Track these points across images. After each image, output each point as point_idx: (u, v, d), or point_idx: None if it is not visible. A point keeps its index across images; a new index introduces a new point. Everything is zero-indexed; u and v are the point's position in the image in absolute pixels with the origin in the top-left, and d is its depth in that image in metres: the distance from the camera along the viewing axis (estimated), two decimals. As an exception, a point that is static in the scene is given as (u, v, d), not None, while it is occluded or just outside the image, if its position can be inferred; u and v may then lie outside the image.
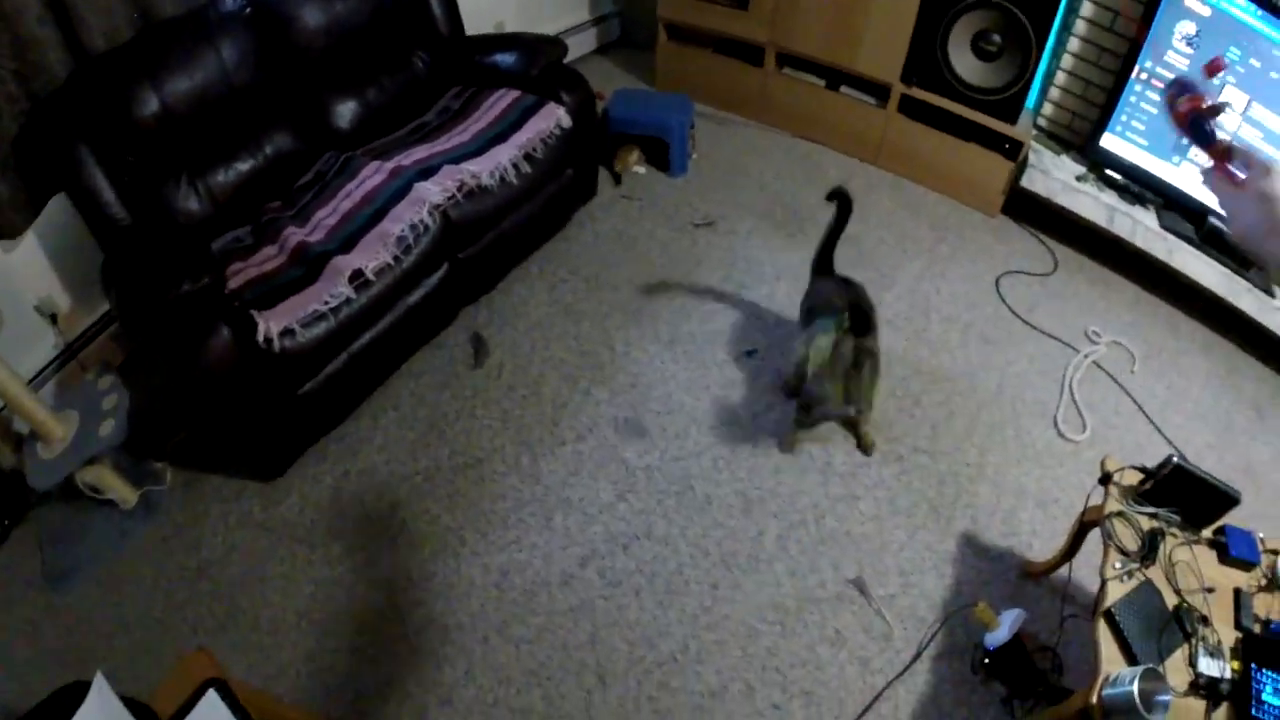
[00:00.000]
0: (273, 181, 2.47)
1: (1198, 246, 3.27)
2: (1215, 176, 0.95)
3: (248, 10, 2.39)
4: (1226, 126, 0.95)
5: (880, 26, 3.38)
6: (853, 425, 2.47)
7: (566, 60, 2.99)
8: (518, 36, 3.07)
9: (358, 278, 2.16)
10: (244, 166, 2.40)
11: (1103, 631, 1.67)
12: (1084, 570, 2.08)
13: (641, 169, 3.34)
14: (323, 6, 2.54)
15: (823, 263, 2.59)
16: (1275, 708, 1.62)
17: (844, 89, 3.62)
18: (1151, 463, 2.33)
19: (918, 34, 3.33)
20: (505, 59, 2.90)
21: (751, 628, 2.03)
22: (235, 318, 1.96)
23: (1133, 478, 1.96)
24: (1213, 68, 1.12)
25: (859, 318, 2.18)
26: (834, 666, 1.98)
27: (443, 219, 2.37)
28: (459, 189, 2.41)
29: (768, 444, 2.41)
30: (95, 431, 2.10)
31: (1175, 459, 1.82)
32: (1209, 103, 1.02)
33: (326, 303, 2.10)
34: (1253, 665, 1.67)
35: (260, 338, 1.97)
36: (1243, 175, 0.92)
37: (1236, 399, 3.27)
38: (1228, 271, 3.24)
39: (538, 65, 2.87)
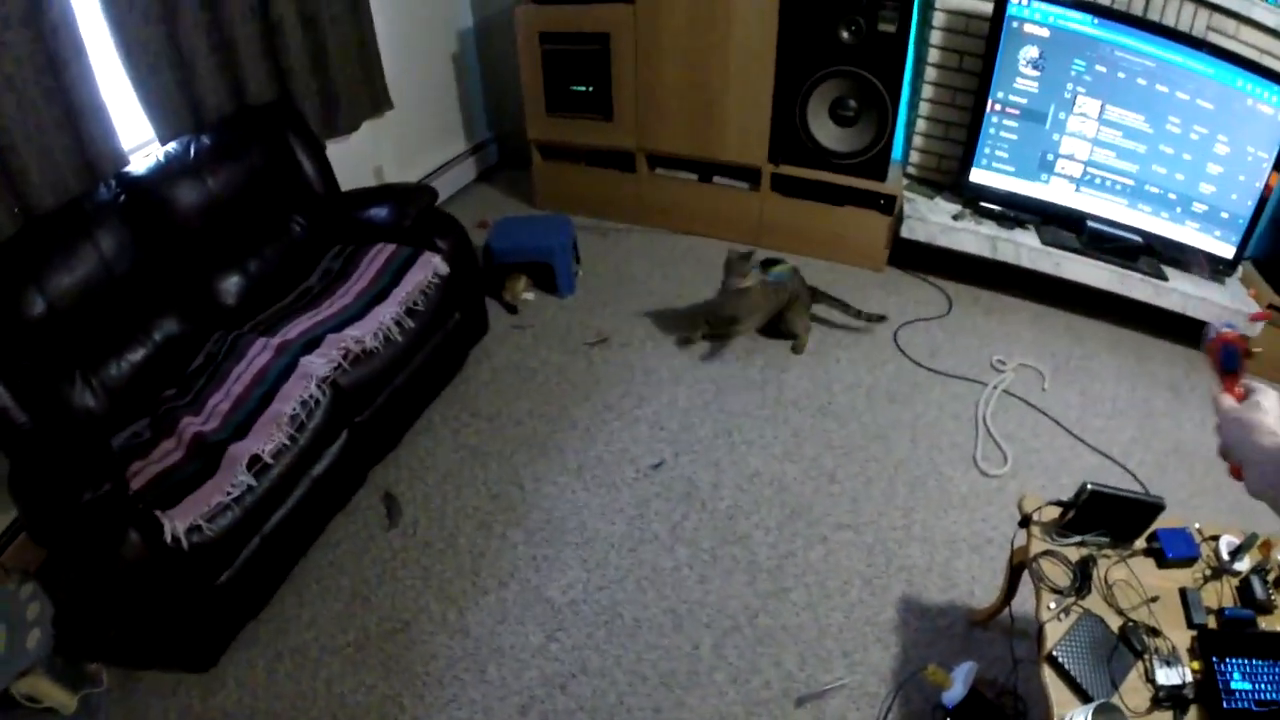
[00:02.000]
0: (165, 368, 2.50)
1: (1082, 252, 3.44)
2: (1222, 395, 1.08)
3: (122, 198, 2.46)
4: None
5: (740, 114, 3.59)
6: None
7: (452, 192, 3.10)
8: (390, 188, 3.20)
9: (255, 464, 2.19)
10: (135, 357, 2.43)
11: (1049, 676, 1.68)
12: (1027, 606, 2.09)
13: (530, 295, 3.45)
14: (196, 185, 2.63)
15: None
16: (1247, 693, 1.62)
17: (716, 179, 3.83)
18: (1078, 478, 2.39)
19: (777, 114, 3.54)
20: (379, 213, 3.01)
21: (703, 746, 2.01)
22: (141, 520, 1.98)
23: (1052, 513, 1.99)
24: (1257, 317, 1.33)
25: None
26: (793, 768, 1.97)
27: (333, 389, 2.43)
28: (344, 357, 2.48)
29: (689, 554, 2.44)
30: (23, 644, 2.08)
31: (1090, 486, 1.85)
32: (1239, 336, 1.12)
33: (228, 493, 2.12)
34: (1213, 659, 1.68)
35: (168, 538, 1.99)
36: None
37: (1151, 384, 3.39)
38: (1116, 268, 3.41)
39: (410, 216, 2.98)
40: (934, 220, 3.53)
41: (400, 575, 2.38)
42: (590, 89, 3.70)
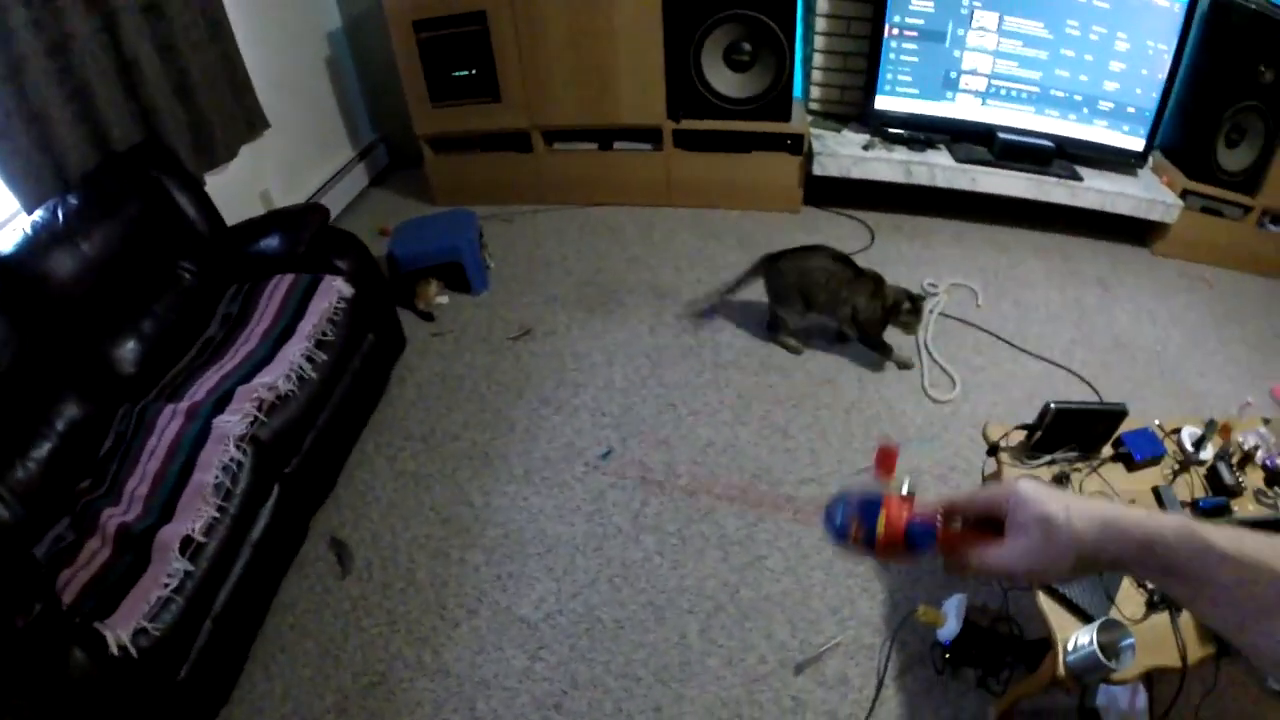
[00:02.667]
0: (75, 458, 2.27)
1: (996, 164, 3.47)
2: (972, 554, 0.72)
3: None
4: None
5: (633, 74, 3.47)
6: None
7: (344, 204, 2.88)
8: (276, 215, 2.99)
9: (188, 545, 2.01)
10: (41, 453, 2.20)
11: (1045, 603, 1.68)
12: None
13: (444, 298, 3.28)
14: (70, 251, 2.38)
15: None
16: None
17: (617, 145, 3.71)
18: (1026, 389, 2.37)
19: (670, 69, 3.43)
20: (270, 244, 2.80)
21: (709, 737, 1.95)
22: (83, 636, 1.80)
23: (1018, 437, 1.99)
24: (883, 460, 0.85)
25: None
26: (805, 735, 1.93)
27: (253, 446, 2.23)
28: (259, 408, 2.29)
29: (656, 540, 2.35)
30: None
31: (1054, 405, 1.85)
32: (902, 503, 0.75)
33: (166, 584, 1.93)
34: None
35: (113, 648, 1.81)
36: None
37: (1080, 283, 3.45)
38: (1031, 175, 3.45)
39: (303, 240, 2.78)
40: (844, 153, 3.49)
41: (365, 625, 2.23)
42: (473, 72, 3.52)
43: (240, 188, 3.21)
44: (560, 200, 3.87)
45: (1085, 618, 1.64)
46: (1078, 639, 1.57)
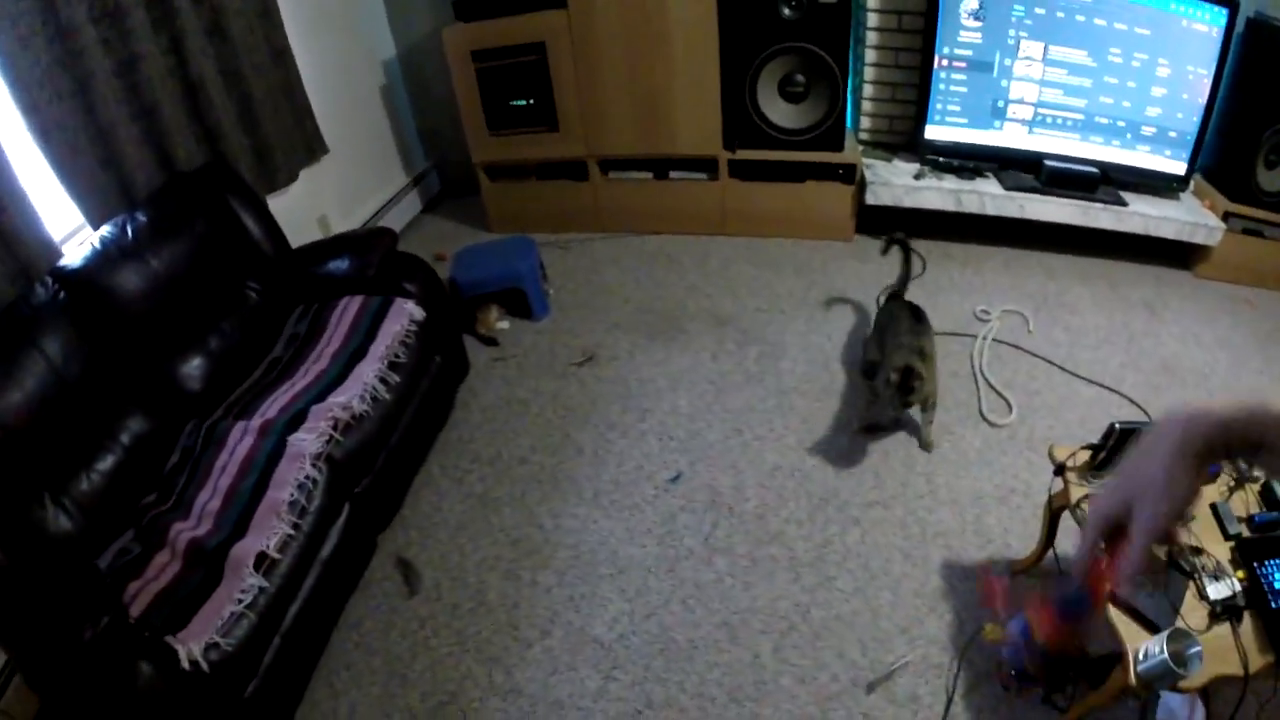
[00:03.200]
0: (140, 472, 2.34)
1: (1043, 191, 3.52)
2: (1126, 562, 0.71)
3: (61, 296, 2.28)
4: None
5: (689, 105, 3.56)
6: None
7: (398, 230, 2.96)
8: (345, 238, 3.08)
9: (263, 562, 2.06)
10: (105, 466, 2.26)
11: (1115, 615, 1.72)
12: (1067, 546, 2.20)
13: (505, 324, 3.37)
14: (139, 267, 2.46)
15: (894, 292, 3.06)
16: None
17: (673, 174, 3.80)
18: (1080, 412, 2.37)
19: (726, 100, 3.53)
20: (339, 265, 2.89)
21: (785, 756, 1.99)
22: (151, 649, 1.84)
23: (1083, 456, 2.04)
24: (990, 596, 0.97)
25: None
26: (877, 754, 1.97)
27: (328, 465, 2.30)
28: (335, 428, 2.36)
29: (728, 562, 2.41)
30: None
31: (1118, 425, 1.90)
32: (1036, 602, 0.82)
33: (240, 600, 1.98)
34: (1254, 565, 1.77)
35: (185, 663, 1.85)
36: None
37: (1127, 308, 3.49)
38: (1078, 201, 3.51)
39: (373, 263, 2.87)
40: (896, 183, 3.56)
41: (433, 644, 2.28)
42: (531, 101, 3.63)
43: (300, 211, 3.32)
44: (616, 229, 3.96)
45: (1153, 628, 1.68)
46: (1148, 648, 1.61)
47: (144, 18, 2.54)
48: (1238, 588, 1.74)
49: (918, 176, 3.56)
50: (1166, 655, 1.54)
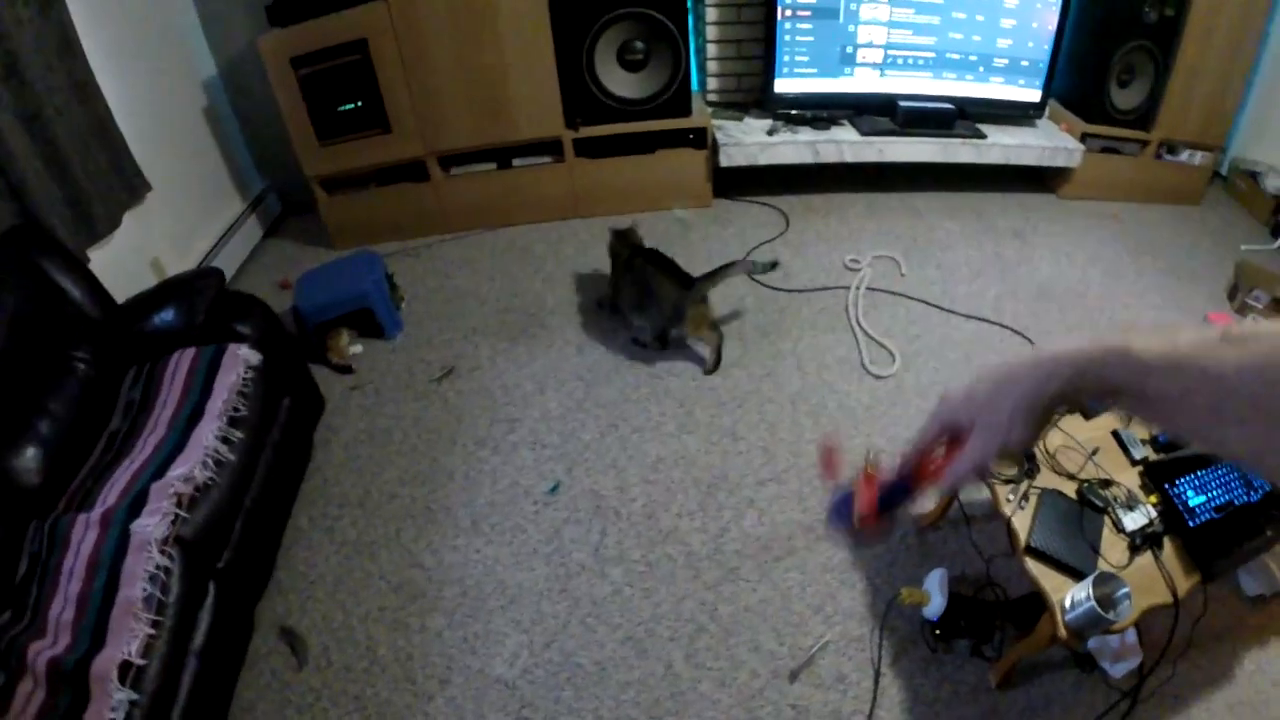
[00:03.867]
0: None
1: (900, 133, 3.50)
2: (952, 470, 0.73)
3: None
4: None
5: (526, 87, 3.38)
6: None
7: (243, 258, 2.67)
8: (169, 285, 2.75)
9: (128, 671, 1.81)
10: None
11: (1034, 567, 1.69)
12: (969, 493, 2.17)
13: (358, 347, 3.10)
14: None
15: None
16: (1202, 505, 1.73)
17: (516, 162, 3.61)
18: (963, 351, 2.32)
19: (564, 76, 3.36)
20: (165, 317, 2.58)
21: (713, 764, 1.88)
22: None
23: None
24: (828, 460, 0.93)
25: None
26: (812, 740, 1.88)
27: (179, 547, 2.03)
28: (178, 505, 2.08)
29: (622, 571, 2.26)
30: None
31: None
32: (866, 479, 0.80)
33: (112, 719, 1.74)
34: (1165, 487, 1.76)
35: None
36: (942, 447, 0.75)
37: (997, 237, 3.52)
38: (937, 139, 3.50)
39: (200, 310, 2.57)
40: (750, 141, 3.47)
41: (333, 716, 2.06)
42: (360, 104, 3.36)
43: (128, 259, 2.99)
44: (465, 227, 3.74)
45: (1074, 574, 1.66)
46: (1074, 596, 1.58)
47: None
48: (1153, 514, 1.74)
49: (771, 132, 3.47)
50: (1094, 602, 1.51)
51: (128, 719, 1.75)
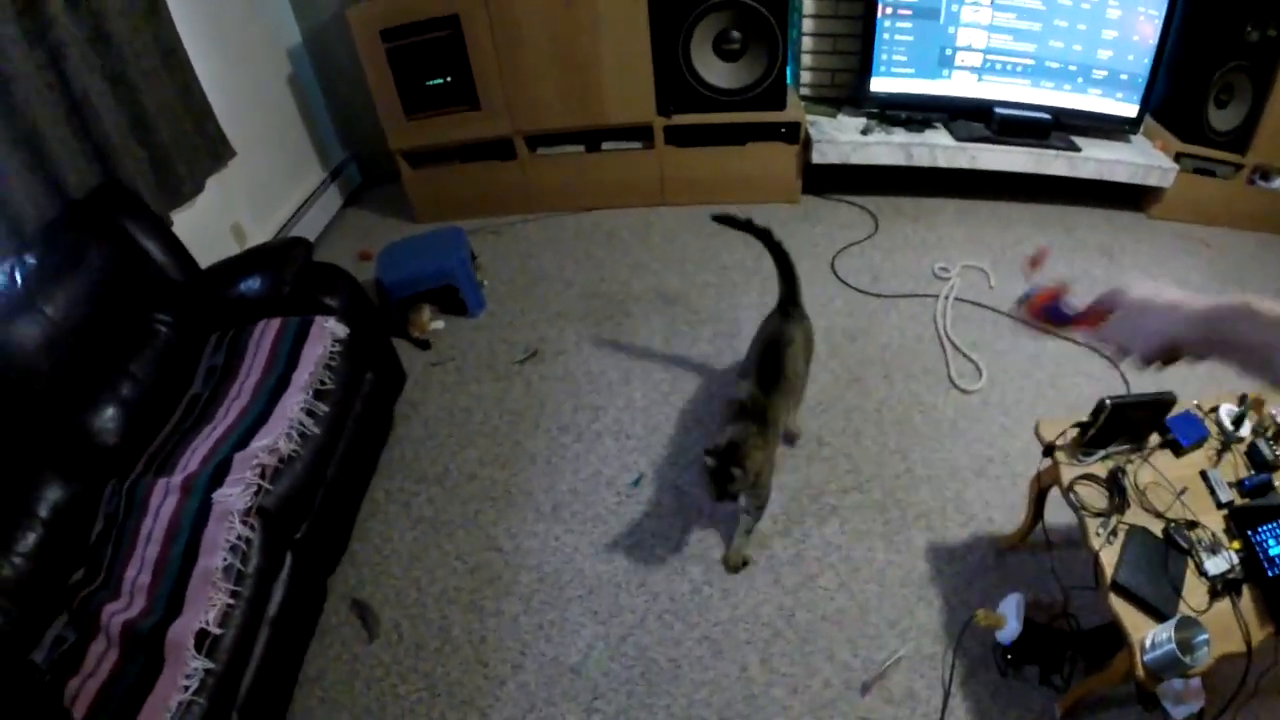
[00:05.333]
0: (65, 547, 2.09)
1: (995, 140, 3.42)
2: (1097, 330, 0.98)
3: None
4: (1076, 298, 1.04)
5: (618, 71, 3.35)
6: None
7: (320, 229, 2.66)
8: (257, 253, 2.79)
9: (204, 640, 1.84)
10: (26, 546, 2.00)
11: (1117, 604, 1.67)
12: (1054, 516, 2.09)
13: (440, 324, 3.14)
14: (33, 317, 2.18)
15: (784, 304, 2.51)
16: None
17: (605, 146, 3.60)
18: (1049, 370, 2.23)
19: (658, 62, 3.33)
20: (251, 285, 2.62)
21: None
22: None
23: (1072, 433, 1.96)
24: (1035, 261, 1.24)
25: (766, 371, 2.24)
26: (879, 755, 1.89)
27: (260, 518, 2.07)
28: (261, 476, 2.11)
29: (703, 569, 2.27)
30: None
31: (1109, 401, 1.83)
32: (1053, 287, 1.05)
33: (186, 687, 1.77)
34: (1248, 533, 1.73)
35: None
36: (1111, 313, 0.95)
37: (1086, 254, 3.44)
38: (1030, 149, 3.43)
39: (287, 280, 2.61)
40: (843, 139, 3.42)
41: (402, 691, 2.11)
42: (449, 80, 3.36)
43: (211, 223, 3.04)
44: (550, 208, 3.75)
45: (1156, 614, 1.64)
46: (1155, 638, 1.57)
47: (14, 32, 2.22)
48: (1235, 560, 1.71)
49: (865, 131, 3.41)
50: (1174, 646, 1.50)
51: (200, 689, 1.79)
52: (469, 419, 2.78)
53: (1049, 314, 1.04)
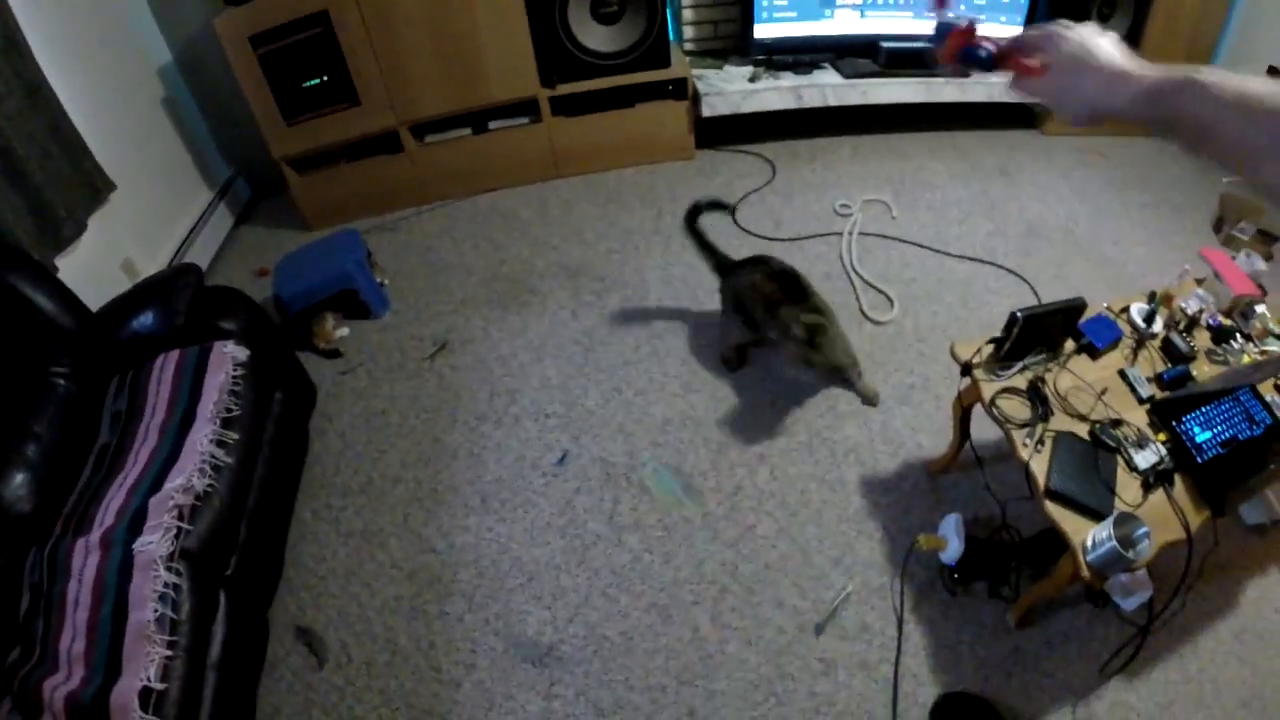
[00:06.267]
0: None
1: (883, 74, 3.42)
2: (1021, 81, 0.87)
3: None
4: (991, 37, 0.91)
5: (497, 47, 3.26)
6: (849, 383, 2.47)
7: (215, 249, 2.55)
8: (145, 287, 2.63)
9: (149, 697, 1.74)
10: None
11: (1053, 510, 1.70)
12: (980, 433, 2.10)
13: (345, 330, 3.02)
14: None
15: (721, 264, 2.66)
16: (1209, 441, 1.75)
17: (493, 125, 3.50)
18: (959, 292, 2.26)
19: (536, 33, 3.25)
20: (144, 321, 2.47)
21: (750, 718, 1.88)
22: None
23: (988, 350, 1.98)
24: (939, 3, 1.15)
25: (791, 288, 2.42)
26: (844, 690, 1.90)
27: (185, 561, 1.96)
28: (180, 517, 2.00)
29: (639, 538, 2.24)
30: None
31: (1020, 313, 1.85)
32: (963, 26, 0.94)
33: None
34: (1173, 424, 1.78)
35: None
36: (1039, 61, 0.85)
37: (983, 175, 3.50)
38: (919, 79, 3.46)
39: (180, 310, 2.46)
40: (732, 89, 3.40)
41: (359, 713, 2.03)
42: (325, 78, 3.22)
43: (99, 263, 2.86)
44: (443, 196, 3.64)
45: (1093, 514, 1.67)
46: (1095, 537, 1.60)
47: None
48: (1163, 451, 1.76)
49: (753, 79, 3.39)
50: (1115, 542, 1.53)
51: None
52: (385, 423, 2.68)
53: (967, 57, 0.94)
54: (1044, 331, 1.91)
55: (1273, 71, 3.33)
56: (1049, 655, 1.92)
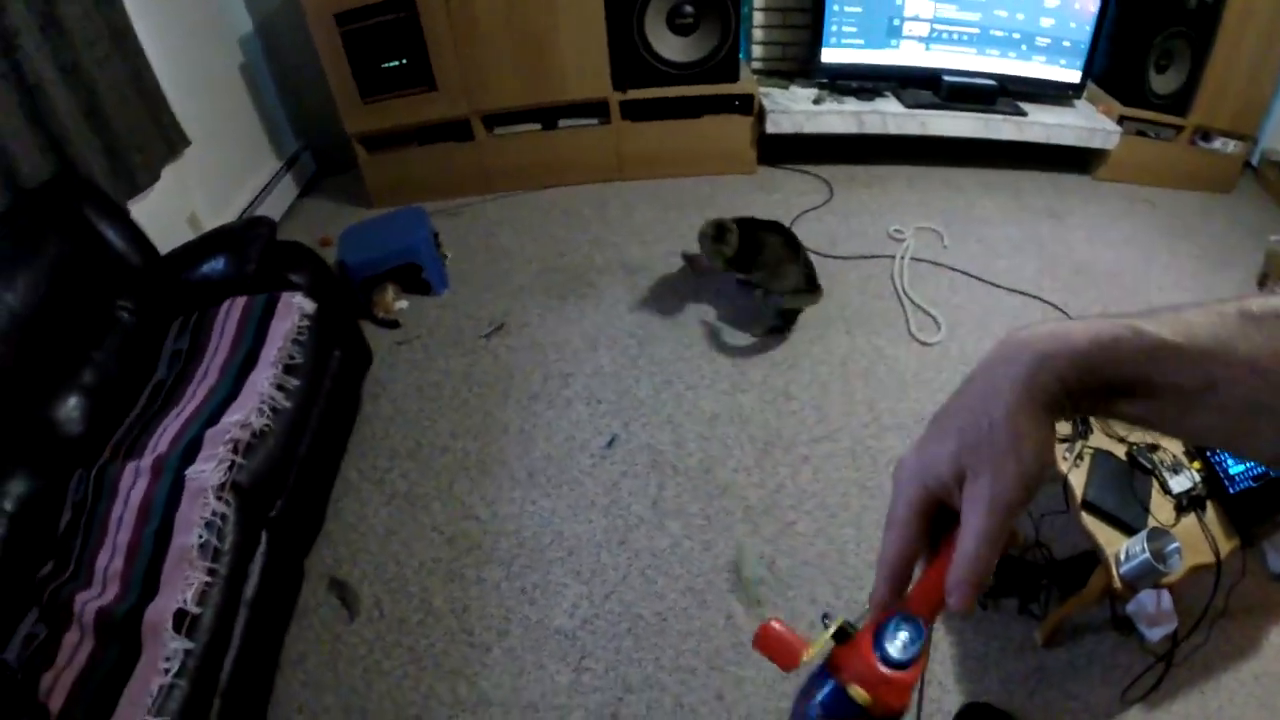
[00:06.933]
0: (33, 539, 2.00)
1: (943, 107, 3.50)
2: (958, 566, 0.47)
3: None
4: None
5: (574, 47, 3.35)
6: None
7: (278, 217, 2.65)
8: (218, 234, 2.73)
9: (183, 620, 1.78)
10: None
11: (1089, 521, 1.74)
12: None
13: (404, 303, 3.10)
14: None
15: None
16: (1242, 474, 1.77)
17: (562, 123, 3.60)
18: (1006, 321, 2.29)
19: (613, 38, 3.34)
20: (215, 266, 2.56)
21: (779, 709, 1.91)
22: None
23: None
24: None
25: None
26: (870, 690, 1.88)
27: (235, 494, 2.02)
28: (234, 451, 2.05)
29: (681, 524, 2.28)
30: None
31: None
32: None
33: (166, 670, 1.71)
34: (1208, 454, 1.81)
35: None
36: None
37: (1033, 215, 3.54)
38: (978, 114, 3.51)
39: (252, 258, 2.55)
40: (796, 109, 3.47)
41: (387, 667, 2.07)
42: (404, 62, 3.32)
43: (166, 213, 2.95)
44: (508, 187, 3.72)
45: (1126, 529, 1.71)
46: (1129, 549, 1.63)
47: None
48: (1196, 479, 1.78)
49: (817, 101, 3.47)
50: (1149, 554, 1.56)
51: (181, 671, 1.73)
52: (438, 394, 2.75)
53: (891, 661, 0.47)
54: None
55: None
56: (1073, 676, 1.93)
